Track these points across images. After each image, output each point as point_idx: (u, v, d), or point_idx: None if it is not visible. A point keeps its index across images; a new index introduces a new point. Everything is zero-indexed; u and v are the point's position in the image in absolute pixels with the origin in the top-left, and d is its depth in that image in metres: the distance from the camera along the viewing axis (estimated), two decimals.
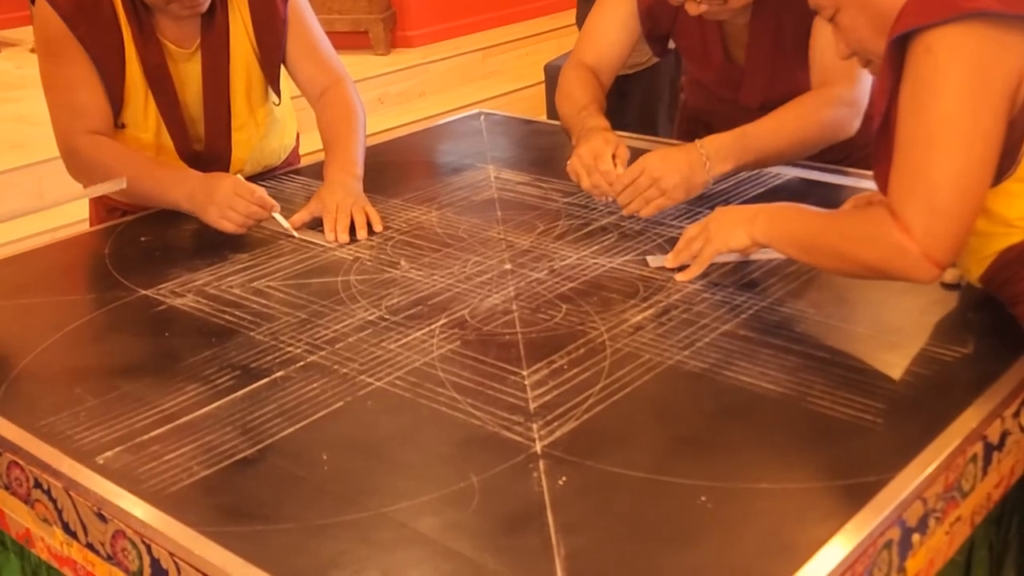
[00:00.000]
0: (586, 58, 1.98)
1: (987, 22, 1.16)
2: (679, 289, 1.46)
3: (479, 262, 1.59)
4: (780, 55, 1.88)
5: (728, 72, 1.94)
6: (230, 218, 1.71)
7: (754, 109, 1.96)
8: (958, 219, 1.20)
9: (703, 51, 1.94)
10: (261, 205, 1.71)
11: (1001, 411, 1.17)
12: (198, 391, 1.26)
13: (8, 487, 1.23)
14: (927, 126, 1.19)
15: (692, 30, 1.92)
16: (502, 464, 1.10)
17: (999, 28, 1.16)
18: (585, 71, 1.96)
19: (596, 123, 1.81)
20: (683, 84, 2.24)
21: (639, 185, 1.65)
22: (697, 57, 1.98)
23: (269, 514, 1.04)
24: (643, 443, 1.13)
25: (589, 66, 1.97)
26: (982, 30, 1.16)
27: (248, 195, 1.71)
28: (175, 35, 1.86)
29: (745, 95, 1.95)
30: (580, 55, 2.00)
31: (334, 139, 1.92)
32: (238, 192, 1.71)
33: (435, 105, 5.05)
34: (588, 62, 1.97)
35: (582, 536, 0.98)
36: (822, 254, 1.34)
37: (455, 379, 1.26)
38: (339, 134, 1.92)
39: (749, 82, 1.93)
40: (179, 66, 1.88)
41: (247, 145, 1.97)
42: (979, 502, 1.18)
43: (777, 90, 1.92)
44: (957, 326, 1.35)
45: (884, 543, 1.01)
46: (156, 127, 1.88)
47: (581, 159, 1.73)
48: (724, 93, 1.99)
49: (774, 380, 1.22)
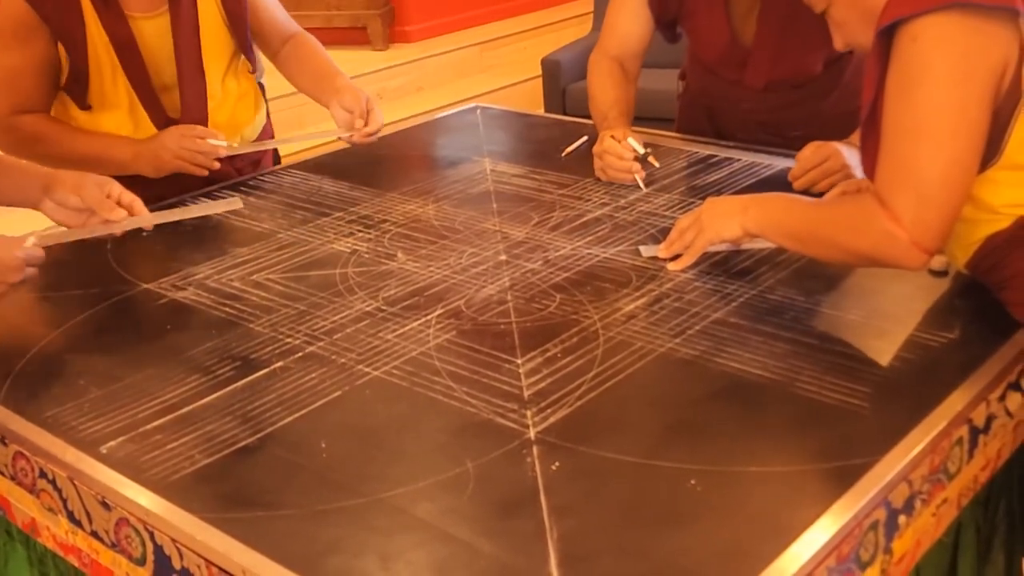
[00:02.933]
0: (610, 49, 2.05)
1: (972, 12, 1.18)
2: (671, 278, 1.48)
3: (475, 253, 1.61)
4: (790, 36, 1.89)
5: (734, 52, 1.95)
6: (185, 157, 1.83)
7: (758, 90, 1.98)
8: (946, 206, 1.22)
9: (709, 31, 1.96)
10: (209, 137, 1.86)
11: (987, 395, 1.19)
12: (199, 382, 1.29)
13: (14, 477, 1.25)
14: (913, 115, 1.21)
15: (699, 10, 1.94)
16: (497, 450, 1.12)
17: (983, 18, 1.18)
18: (609, 63, 2.03)
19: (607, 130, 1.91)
20: (683, 70, 2.25)
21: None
22: (703, 38, 2.00)
23: (270, 501, 1.06)
24: (635, 429, 1.15)
25: (614, 57, 2.03)
26: (967, 20, 1.18)
27: (196, 134, 1.85)
28: (140, 3, 1.87)
29: (750, 75, 1.96)
30: (604, 47, 2.06)
31: (323, 64, 2.06)
32: (184, 134, 1.84)
33: (433, 100, 5.06)
34: (612, 53, 2.04)
35: (574, 519, 1.01)
36: (813, 243, 1.36)
37: (451, 368, 1.28)
38: (324, 60, 2.06)
39: (755, 62, 1.94)
40: (145, 35, 1.88)
41: (223, 110, 2.00)
42: (966, 484, 1.21)
43: (781, 71, 1.94)
44: (944, 312, 1.37)
45: (870, 524, 1.03)
46: (128, 101, 1.89)
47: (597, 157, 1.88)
48: (728, 74, 2.00)
49: (764, 366, 1.24)
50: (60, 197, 1.63)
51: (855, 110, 2.02)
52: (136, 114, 1.91)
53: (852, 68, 2.01)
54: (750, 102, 2.02)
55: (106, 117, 1.90)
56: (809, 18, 1.85)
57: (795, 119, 2.01)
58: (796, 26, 1.88)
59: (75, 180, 1.64)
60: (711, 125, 2.12)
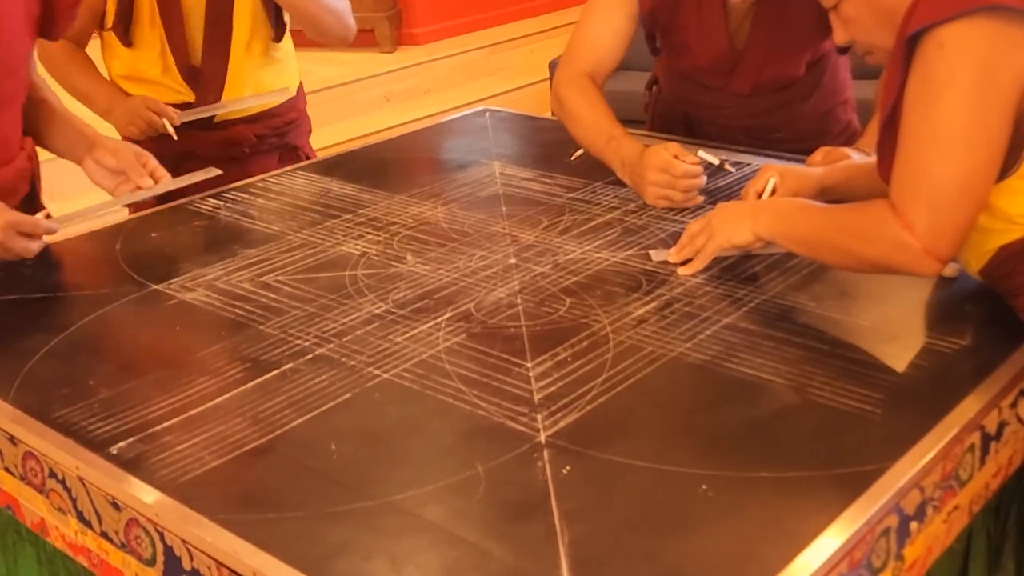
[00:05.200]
0: (584, 65, 1.93)
1: (1000, 18, 1.16)
2: (681, 283, 1.48)
3: (484, 256, 1.61)
4: (780, 38, 1.89)
5: (726, 59, 1.94)
6: (137, 125, 2.08)
7: (743, 95, 1.97)
8: (960, 216, 1.21)
9: (703, 40, 1.92)
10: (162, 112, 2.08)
11: (998, 401, 1.19)
12: (209, 383, 1.28)
13: (24, 477, 1.26)
14: (933, 123, 1.20)
15: (691, 21, 1.91)
16: (507, 454, 1.12)
17: (1012, 24, 1.16)
18: (585, 82, 1.91)
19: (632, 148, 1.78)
20: (651, 80, 2.21)
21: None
22: (695, 47, 1.95)
23: (279, 502, 1.06)
24: (645, 433, 1.15)
25: (587, 73, 1.92)
26: (995, 26, 1.16)
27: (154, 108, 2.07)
28: None
29: (738, 81, 1.95)
30: (578, 63, 1.94)
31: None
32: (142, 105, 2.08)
33: (441, 102, 5.06)
34: (587, 69, 1.92)
35: (585, 524, 1.00)
36: (825, 250, 1.36)
37: (461, 371, 1.28)
38: None
39: (745, 67, 1.93)
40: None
41: (244, 68, 2.18)
42: (977, 491, 1.20)
43: (768, 75, 1.94)
44: (955, 318, 1.36)
45: (882, 530, 1.03)
46: (161, 45, 2.12)
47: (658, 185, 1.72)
48: (713, 81, 1.99)
49: (775, 371, 1.24)
50: (99, 156, 1.78)
51: (832, 108, 2.05)
52: (166, 58, 2.13)
53: (831, 68, 2.01)
54: (734, 108, 2.01)
55: (142, 56, 2.14)
56: (798, 22, 1.86)
57: (778, 122, 2.01)
58: (786, 31, 1.88)
59: (116, 145, 1.81)
60: (689, 133, 2.09)
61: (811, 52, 1.96)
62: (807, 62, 1.97)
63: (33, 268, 1.64)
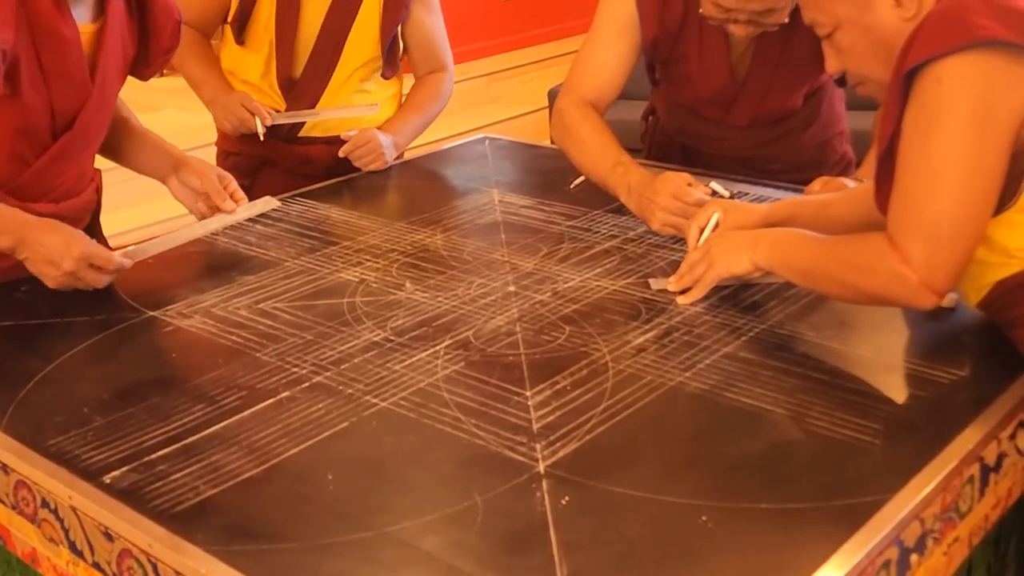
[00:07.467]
0: (587, 94, 1.93)
1: (998, 52, 1.17)
2: (680, 312, 1.48)
3: (483, 284, 1.60)
4: (781, 71, 1.90)
5: (726, 91, 1.95)
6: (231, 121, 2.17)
7: (741, 127, 1.98)
8: (958, 250, 1.21)
9: (705, 73, 1.93)
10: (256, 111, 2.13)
11: (997, 433, 1.18)
12: (205, 411, 1.28)
13: (15, 507, 1.24)
14: (930, 157, 1.20)
15: (692, 54, 1.92)
16: (505, 484, 1.11)
17: (1009, 59, 1.17)
18: (589, 109, 1.92)
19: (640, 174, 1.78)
20: (647, 111, 2.23)
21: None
22: (696, 79, 1.96)
23: (275, 533, 1.05)
24: (645, 463, 1.14)
25: (590, 101, 1.92)
26: (993, 60, 1.17)
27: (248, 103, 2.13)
28: None
29: (736, 113, 1.96)
30: (580, 90, 1.94)
31: (406, 107, 2.33)
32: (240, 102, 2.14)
33: (440, 129, 5.04)
34: (590, 97, 1.93)
35: (584, 555, 0.99)
36: (823, 281, 1.36)
37: (459, 400, 1.27)
38: (411, 104, 2.33)
39: (744, 99, 1.94)
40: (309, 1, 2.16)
41: (341, 93, 2.22)
42: (977, 523, 1.19)
43: (767, 107, 1.95)
44: (954, 349, 1.36)
45: (882, 563, 1.02)
46: (268, 50, 2.18)
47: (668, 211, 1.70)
48: (712, 113, 2.00)
49: (774, 401, 1.23)
50: (185, 177, 1.83)
51: (828, 139, 2.06)
52: (270, 63, 2.19)
53: (827, 100, 2.02)
54: (732, 139, 2.02)
55: (248, 56, 2.20)
56: (799, 55, 1.87)
57: (775, 153, 2.02)
58: (787, 63, 1.89)
59: (201, 166, 1.85)
60: (685, 163, 2.10)
61: (809, 84, 1.97)
62: (805, 94, 1.98)
63: (28, 294, 1.63)
